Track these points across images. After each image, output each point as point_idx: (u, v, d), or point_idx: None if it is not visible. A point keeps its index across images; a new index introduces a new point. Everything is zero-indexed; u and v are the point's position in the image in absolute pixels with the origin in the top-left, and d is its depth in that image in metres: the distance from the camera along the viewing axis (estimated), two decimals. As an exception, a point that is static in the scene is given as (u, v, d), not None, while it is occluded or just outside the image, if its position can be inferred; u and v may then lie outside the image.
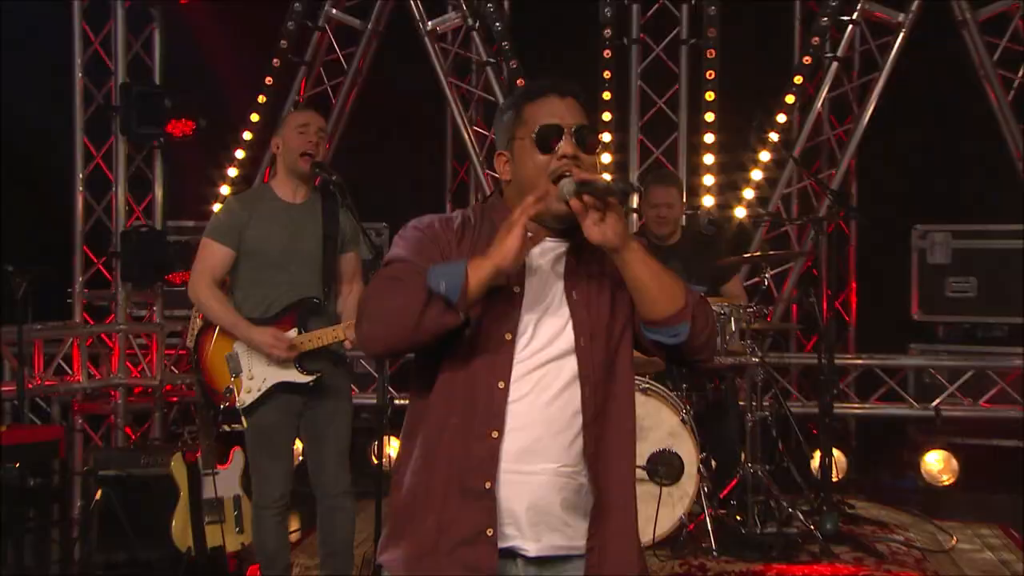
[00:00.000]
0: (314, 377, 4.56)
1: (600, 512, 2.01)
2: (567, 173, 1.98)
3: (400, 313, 1.90)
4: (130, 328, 7.43)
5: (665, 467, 5.37)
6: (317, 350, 4.54)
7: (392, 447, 6.45)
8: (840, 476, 6.79)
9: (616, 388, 2.10)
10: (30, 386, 6.46)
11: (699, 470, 5.51)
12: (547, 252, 2.09)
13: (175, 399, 7.87)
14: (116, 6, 7.13)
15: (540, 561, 1.99)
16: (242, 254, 4.55)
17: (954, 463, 6.71)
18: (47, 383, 6.81)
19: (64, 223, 7.36)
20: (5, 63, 7.24)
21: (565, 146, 2.02)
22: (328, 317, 4.65)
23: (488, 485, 1.94)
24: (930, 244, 7.30)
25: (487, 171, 7.64)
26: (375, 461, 6.62)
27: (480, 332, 1.94)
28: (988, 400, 6.87)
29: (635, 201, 6.54)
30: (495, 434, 1.95)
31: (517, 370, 1.96)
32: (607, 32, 7.59)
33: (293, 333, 4.50)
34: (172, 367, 7.80)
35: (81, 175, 7.23)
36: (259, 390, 4.56)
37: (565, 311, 2.01)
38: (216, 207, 7.42)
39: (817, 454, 6.21)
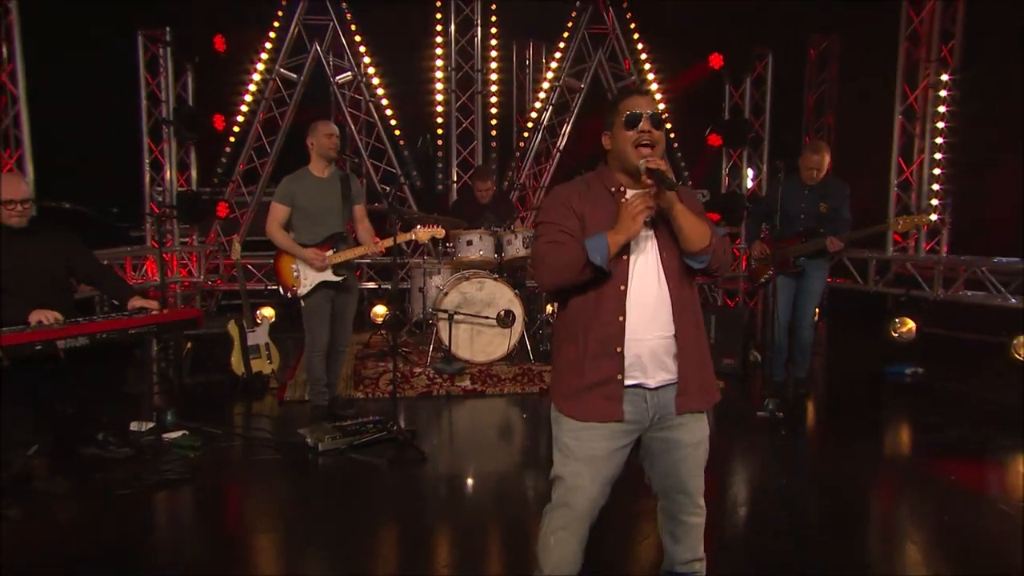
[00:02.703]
0: (342, 278, 5.93)
1: (682, 357, 2.86)
2: (645, 142, 2.79)
3: (567, 269, 2.78)
4: (183, 248, 10.13)
5: (507, 318, 7.53)
6: (343, 262, 5.90)
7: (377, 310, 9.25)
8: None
9: (686, 285, 2.91)
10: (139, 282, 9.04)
11: (524, 320, 7.60)
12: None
13: (215, 291, 10.29)
14: (166, 63, 9.84)
15: (656, 389, 2.85)
16: (295, 209, 5.86)
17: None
18: (139, 281, 9.20)
19: (136, 189, 9.83)
20: (103, 96, 8.90)
21: (643, 125, 2.81)
22: (348, 242, 5.94)
23: (619, 349, 2.81)
24: None
25: (371, 160, 10.43)
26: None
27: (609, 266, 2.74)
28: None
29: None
30: (621, 318, 2.81)
31: (632, 274, 2.83)
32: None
33: (330, 253, 5.85)
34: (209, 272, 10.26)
35: (147, 161, 9.88)
36: (310, 285, 5.90)
37: (653, 241, 2.87)
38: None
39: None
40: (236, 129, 10.47)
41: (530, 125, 11.02)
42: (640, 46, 10.93)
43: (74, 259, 5.31)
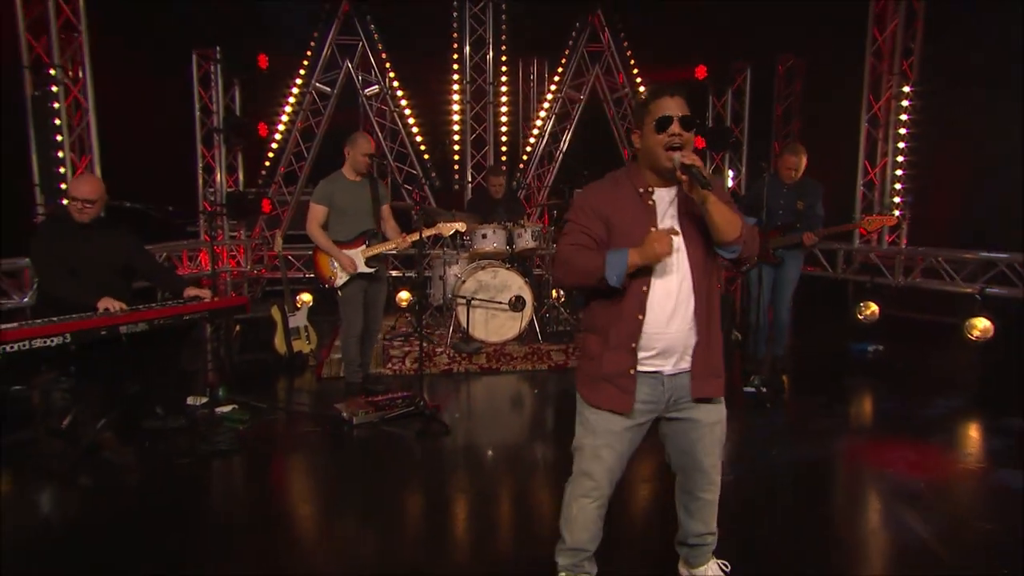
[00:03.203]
0: (374, 269, 5.93)
1: (700, 346, 2.74)
2: (676, 145, 2.58)
3: (584, 276, 2.64)
4: (232, 243, 10.12)
5: (518, 303, 7.38)
6: (375, 255, 5.91)
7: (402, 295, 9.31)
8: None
9: (708, 276, 2.72)
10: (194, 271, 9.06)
11: (533, 304, 7.39)
12: (663, 198, 2.70)
13: (260, 279, 10.26)
14: (215, 77, 9.76)
15: (673, 375, 2.74)
16: (332, 209, 5.83)
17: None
18: (194, 271, 9.19)
19: (191, 190, 9.78)
20: (162, 108, 9.22)
21: (674, 128, 2.59)
22: (379, 238, 5.93)
23: (634, 345, 2.69)
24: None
25: (396, 163, 10.33)
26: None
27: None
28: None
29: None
30: (640, 316, 2.67)
31: (661, 271, 2.66)
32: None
33: (363, 246, 5.87)
34: (254, 262, 10.30)
35: (200, 165, 9.82)
36: (346, 277, 5.91)
37: (680, 239, 2.66)
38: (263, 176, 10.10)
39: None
40: (278, 136, 10.39)
41: (535, 132, 10.92)
42: (632, 62, 10.83)
43: (132, 257, 5.24)
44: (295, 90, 10.35)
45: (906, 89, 9.45)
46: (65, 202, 4.91)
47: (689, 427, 2.85)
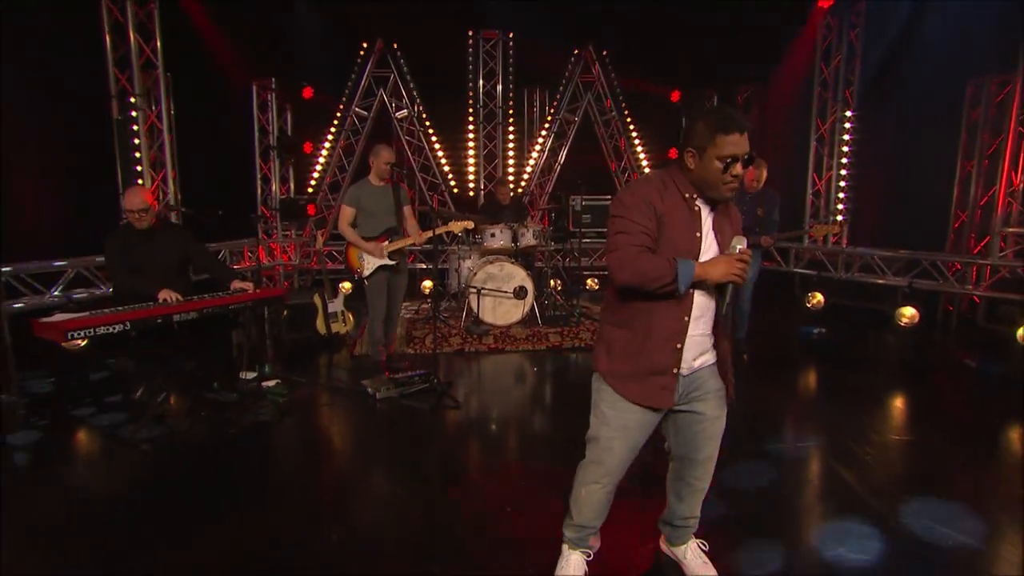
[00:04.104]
0: (396, 262, 5.65)
1: (724, 350, 2.45)
2: (734, 183, 2.19)
3: (650, 280, 2.15)
4: (284, 240, 9.79)
5: (521, 292, 7.06)
6: (397, 250, 5.61)
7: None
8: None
9: (723, 291, 2.31)
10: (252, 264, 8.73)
11: (533, 293, 7.09)
12: (704, 206, 2.27)
13: (308, 270, 9.84)
14: (271, 104, 9.54)
15: (688, 375, 2.38)
16: (359, 210, 5.56)
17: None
18: (252, 264, 8.79)
19: (251, 197, 9.63)
20: (227, 129, 9.05)
21: (738, 168, 2.16)
22: (400, 235, 5.62)
23: (679, 345, 2.31)
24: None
25: (421, 174, 10.00)
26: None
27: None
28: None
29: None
30: (687, 318, 2.29)
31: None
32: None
33: (387, 243, 5.58)
34: (303, 257, 9.96)
35: (258, 176, 9.61)
36: (371, 268, 5.60)
37: (715, 246, 2.27)
38: (312, 186, 9.71)
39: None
40: (324, 152, 10.07)
41: (537, 148, 10.58)
42: (618, 90, 10.52)
43: (190, 252, 4.89)
44: (338, 114, 10.04)
45: (848, 113, 9.11)
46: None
47: (694, 420, 2.48)
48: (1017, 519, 3.31)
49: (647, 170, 10.39)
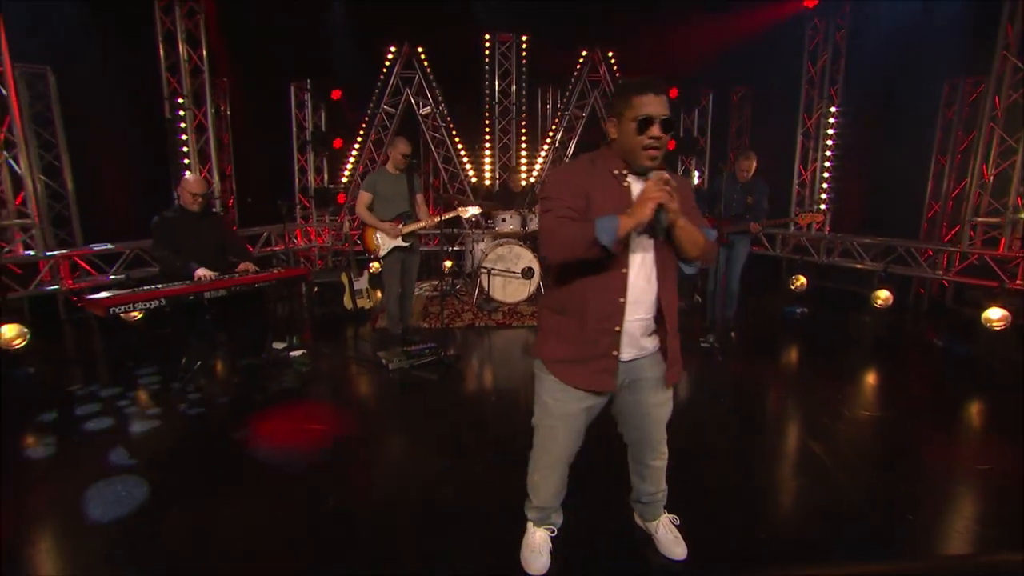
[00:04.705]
0: (409, 244, 5.40)
1: (670, 335, 2.11)
2: (654, 147, 1.92)
3: (575, 246, 1.86)
4: (319, 225, 9.59)
5: (528, 272, 6.85)
6: (409, 232, 5.38)
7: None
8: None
9: (671, 275, 2.06)
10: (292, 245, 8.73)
11: (539, 273, 6.77)
12: (635, 182, 2.01)
13: (340, 251, 9.55)
14: (306, 103, 9.34)
15: (628, 361, 2.10)
16: (376, 195, 5.31)
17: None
18: (290, 245, 8.77)
19: (290, 186, 9.41)
20: (268, 125, 8.93)
21: (655, 130, 1.89)
22: (414, 219, 5.40)
23: (617, 328, 2.01)
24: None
25: (443, 164, 9.56)
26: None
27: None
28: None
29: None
30: (622, 300, 1.98)
31: (631, 260, 2.00)
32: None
33: (401, 225, 5.34)
34: (336, 239, 9.64)
35: (296, 167, 9.41)
36: (387, 249, 5.38)
37: (651, 238, 2.00)
38: (346, 176, 9.41)
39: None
40: (356, 146, 9.82)
41: (548, 141, 10.25)
42: (622, 87, 10.17)
43: (226, 236, 4.77)
44: (368, 111, 9.76)
45: (832, 109, 8.70)
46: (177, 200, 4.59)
47: (640, 407, 2.26)
48: (977, 491, 3.10)
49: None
